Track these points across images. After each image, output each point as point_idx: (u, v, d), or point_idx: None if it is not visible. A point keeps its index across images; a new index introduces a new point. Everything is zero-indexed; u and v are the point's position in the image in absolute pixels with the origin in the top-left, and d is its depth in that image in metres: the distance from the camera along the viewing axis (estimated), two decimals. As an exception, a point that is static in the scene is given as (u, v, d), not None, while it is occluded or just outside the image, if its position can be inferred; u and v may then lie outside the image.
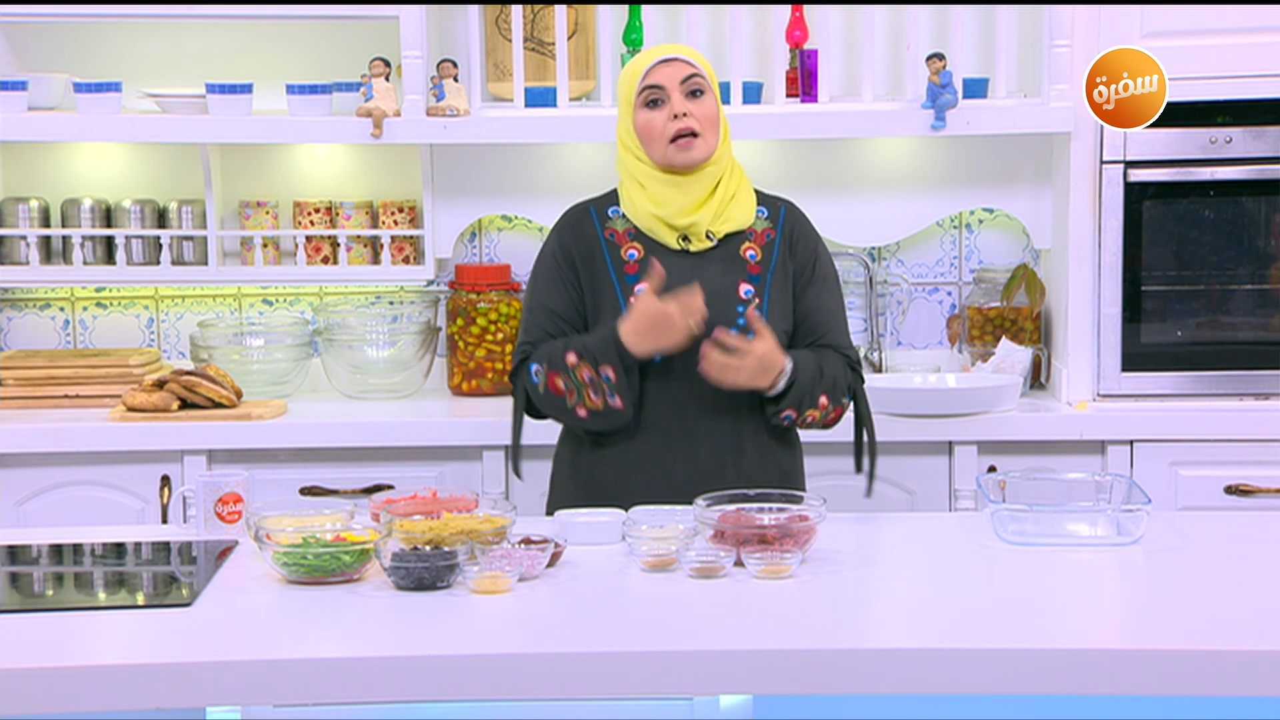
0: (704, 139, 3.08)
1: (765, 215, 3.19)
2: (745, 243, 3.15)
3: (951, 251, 4.35)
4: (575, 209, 3.22)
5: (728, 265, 3.12)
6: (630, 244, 3.14)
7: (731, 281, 3.11)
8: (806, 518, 2.73)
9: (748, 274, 3.13)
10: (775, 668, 2.33)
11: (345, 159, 4.30)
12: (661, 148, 3.09)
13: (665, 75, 3.09)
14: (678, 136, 3.07)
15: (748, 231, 3.16)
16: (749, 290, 3.11)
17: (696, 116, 3.08)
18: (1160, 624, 2.48)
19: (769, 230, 3.17)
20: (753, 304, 3.10)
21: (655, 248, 3.13)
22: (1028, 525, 2.85)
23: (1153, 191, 3.93)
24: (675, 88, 3.08)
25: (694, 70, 3.10)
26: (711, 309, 3.04)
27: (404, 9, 3.96)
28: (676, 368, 3.06)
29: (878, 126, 4.06)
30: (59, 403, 4.06)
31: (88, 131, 4.08)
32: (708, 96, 3.10)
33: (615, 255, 3.13)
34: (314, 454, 3.89)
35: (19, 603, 2.67)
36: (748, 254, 3.14)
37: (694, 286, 2.99)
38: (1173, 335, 3.98)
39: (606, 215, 3.18)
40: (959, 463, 3.87)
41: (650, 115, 3.09)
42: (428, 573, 2.57)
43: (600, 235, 3.16)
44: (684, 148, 3.08)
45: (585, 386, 3.03)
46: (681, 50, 3.14)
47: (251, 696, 2.34)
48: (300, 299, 4.37)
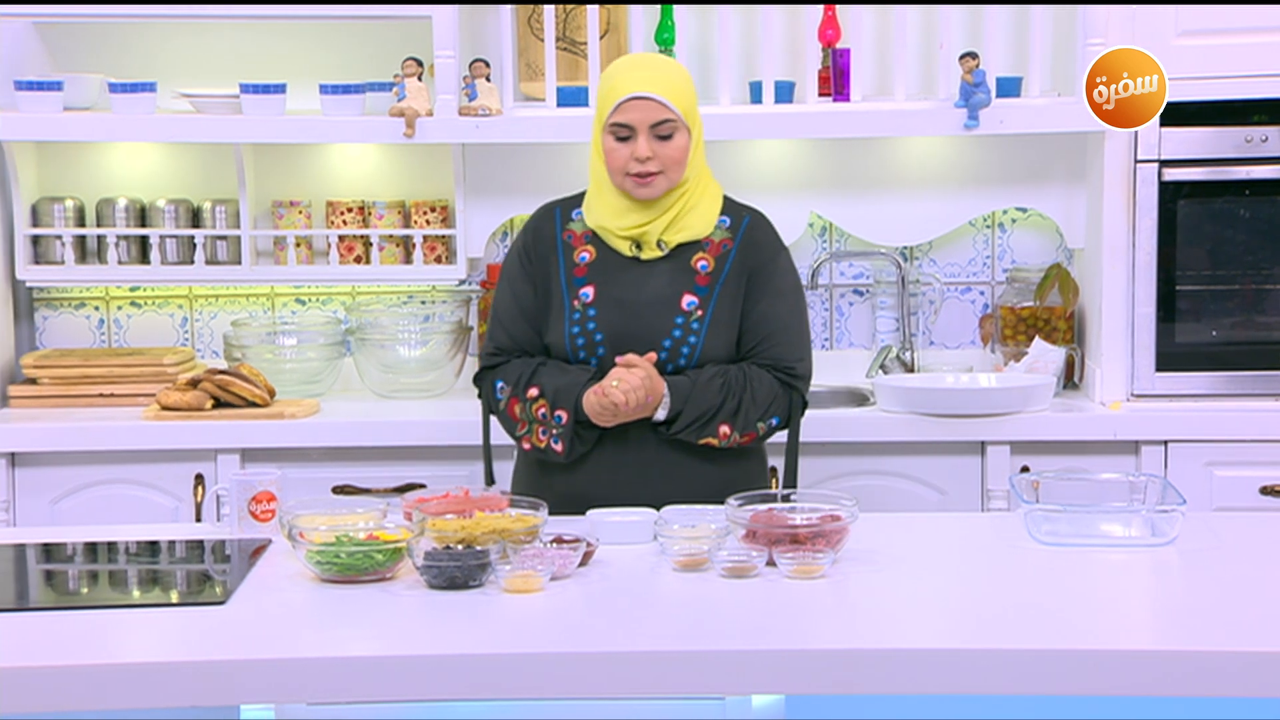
0: (665, 177, 3.08)
1: (726, 225, 3.17)
2: (699, 253, 3.14)
3: (984, 251, 4.34)
4: (543, 208, 3.25)
5: (676, 275, 3.12)
6: (584, 247, 3.16)
7: (676, 292, 3.11)
8: (839, 517, 2.72)
9: (695, 285, 3.12)
10: (807, 668, 2.32)
11: (378, 159, 4.31)
12: (619, 178, 3.09)
13: (636, 115, 3.05)
14: (638, 174, 3.07)
15: (704, 242, 3.14)
16: (692, 301, 3.11)
17: (661, 158, 3.06)
18: (1194, 625, 2.47)
19: (726, 241, 3.15)
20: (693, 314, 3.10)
21: (608, 252, 3.14)
22: (1061, 525, 2.84)
23: (1187, 190, 3.91)
24: (644, 130, 3.05)
25: (667, 115, 3.05)
26: (651, 317, 3.08)
27: (436, 9, 3.97)
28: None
29: (910, 126, 4.05)
30: (93, 401, 4.08)
31: (122, 131, 4.10)
32: (679, 135, 3.07)
33: (568, 257, 3.15)
34: (346, 453, 3.90)
35: (54, 600, 2.69)
36: (699, 264, 3.13)
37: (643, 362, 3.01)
38: (1207, 335, 3.96)
39: (570, 217, 3.19)
40: (991, 463, 3.86)
41: (615, 145, 3.08)
42: (460, 572, 2.58)
43: (559, 236, 3.17)
44: (641, 184, 3.08)
45: (536, 423, 3.10)
46: (660, 85, 3.07)
47: (285, 695, 2.34)
48: (333, 298, 4.38)
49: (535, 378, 3.10)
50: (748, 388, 3.08)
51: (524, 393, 3.10)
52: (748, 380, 3.08)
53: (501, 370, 3.16)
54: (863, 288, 4.35)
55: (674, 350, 3.09)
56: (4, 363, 4.18)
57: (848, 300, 4.36)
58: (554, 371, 3.10)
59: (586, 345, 3.11)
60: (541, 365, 3.12)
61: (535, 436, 3.11)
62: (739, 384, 3.07)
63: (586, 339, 3.11)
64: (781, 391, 3.12)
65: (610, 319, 3.10)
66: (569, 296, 3.12)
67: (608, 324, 3.10)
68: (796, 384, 3.14)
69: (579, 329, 3.11)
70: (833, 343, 4.37)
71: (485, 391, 3.20)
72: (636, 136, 3.06)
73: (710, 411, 3.05)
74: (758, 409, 3.08)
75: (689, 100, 3.10)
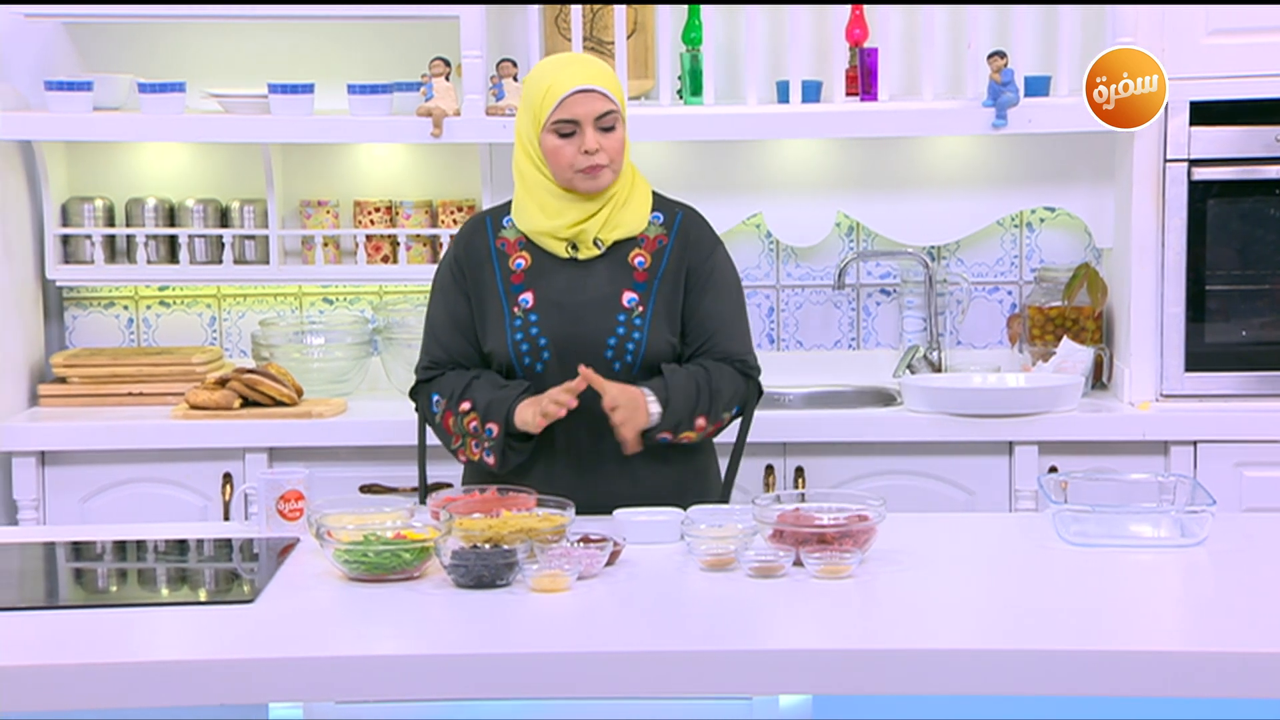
0: (611, 168, 3.08)
1: (660, 221, 3.16)
2: (635, 249, 3.14)
3: (1012, 250, 4.33)
4: (473, 219, 3.25)
5: (614, 273, 3.12)
6: (519, 253, 3.15)
7: (616, 290, 3.11)
8: (866, 517, 2.72)
9: (634, 282, 3.12)
10: (834, 668, 2.32)
11: (405, 158, 4.32)
12: (567, 175, 3.08)
13: (581, 109, 3.05)
14: (587, 168, 3.06)
15: (639, 238, 3.14)
16: (632, 299, 3.11)
17: (607, 149, 3.06)
18: (1225, 626, 2.46)
19: (662, 236, 3.15)
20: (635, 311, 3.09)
21: (543, 256, 3.14)
22: (1090, 526, 2.83)
23: (1217, 190, 3.89)
24: (589, 122, 3.05)
25: (610, 106, 3.06)
26: (593, 317, 3.08)
27: (464, 9, 3.97)
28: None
29: (938, 125, 4.05)
30: (122, 400, 4.09)
31: (151, 131, 4.12)
32: (619, 128, 3.09)
33: (504, 265, 3.15)
34: (374, 452, 3.91)
35: (83, 598, 2.70)
36: (636, 261, 3.13)
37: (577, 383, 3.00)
38: (1237, 335, 3.94)
39: (501, 224, 3.19)
40: (1019, 463, 3.85)
41: (560, 143, 3.07)
42: (487, 571, 2.58)
43: (491, 245, 3.17)
44: (590, 176, 3.07)
45: (469, 436, 3.10)
46: (597, 78, 3.08)
47: (313, 693, 2.35)
48: (360, 298, 4.39)
49: (468, 391, 3.10)
50: (711, 380, 3.08)
51: (457, 406, 3.11)
52: (709, 373, 3.09)
53: (437, 383, 3.17)
54: (890, 287, 4.35)
55: (619, 348, 3.09)
56: (34, 362, 4.21)
57: (875, 300, 4.35)
58: (486, 385, 3.11)
59: (531, 351, 3.10)
60: (475, 379, 3.12)
61: (469, 449, 3.12)
62: (704, 377, 3.08)
63: (531, 344, 3.10)
64: (742, 381, 3.13)
65: (552, 322, 3.10)
66: (508, 304, 3.12)
67: (550, 328, 3.10)
68: (752, 374, 3.16)
69: (522, 335, 3.10)
70: (859, 342, 4.36)
71: (421, 404, 3.21)
72: (581, 131, 3.05)
73: (689, 407, 3.06)
74: (723, 400, 3.10)
75: (620, 93, 3.12)
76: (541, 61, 3.22)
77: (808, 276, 4.35)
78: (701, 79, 4.08)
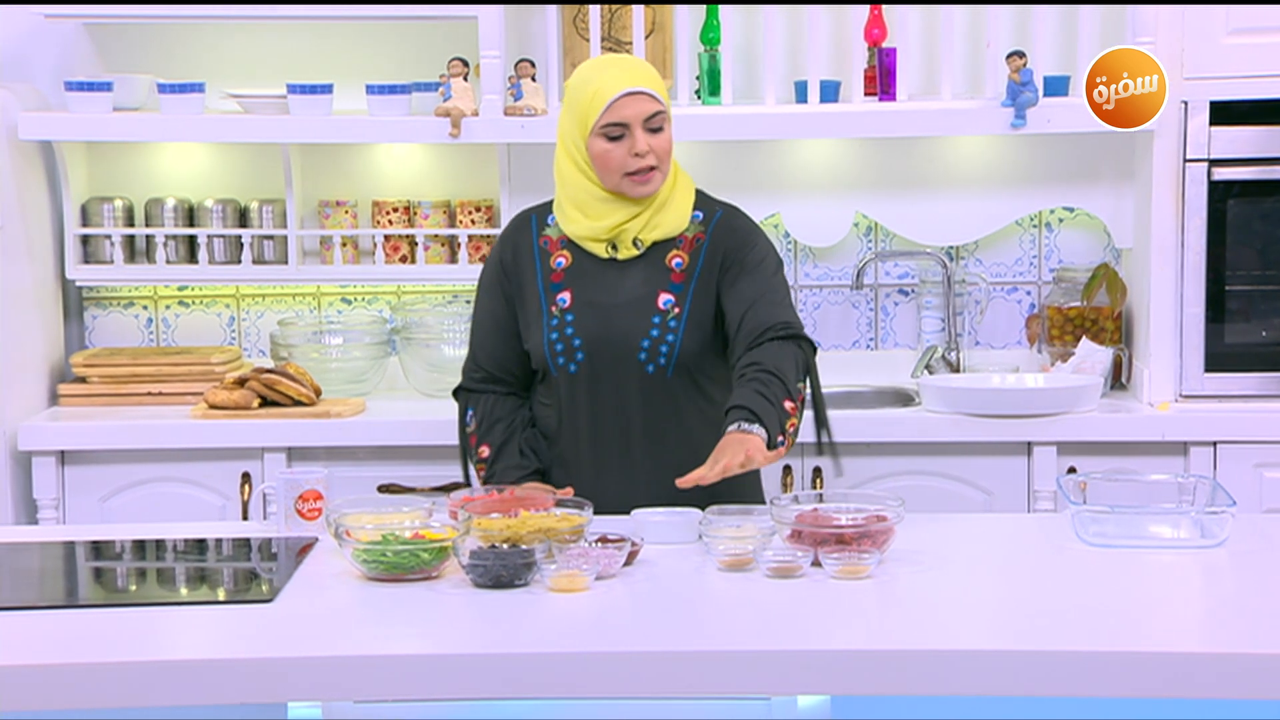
0: (661, 170, 3.07)
1: (699, 220, 3.15)
2: (673, 250, 3.12)
3: (1031, 251, 4.32)
4: (519, 216, 3.24)
5: (651, 274, 3.11)
6: (560, 252, 3.15)
7: (652, 291, 3.09)
8: (885, 518, 2.71)
9: (670, 283, 3.10)
10: (853, 668, 2.32)
11: (423, 158, 4.32)
12: (616, 179, 3.07)
13: (630, 112, 3.04)
14: (637, 171, 3.05)
15: (678, 239, 3.12)
16: (669, 300, 3.09)
17: (657, 151, 3.05)
18: (1245, 627, 2.45)
19: (699, 235, 3.13)
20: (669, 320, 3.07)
21: (583, 256, 3.13)
22: (1109, 527, 2.82)
23: (1237, 190, 3.88)
24: (638, 124, 3.04)
25: (658, 107, 3.05)
26: (627, 319, 3.07)
27: (482, 9, 3.98)
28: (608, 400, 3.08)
29: (957, 125, 4.04)
30: (142, 400, 4.10)
31: (171, 132, 4.13)
32: (667, 128, 3.08)
33: (545, 263, 3.15)
34: (392, 452, 3.91)
35: (103, 598, 2.71)
36: (673, 262, 3.11)
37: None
38: (1257, 335, 3.93)
39: (545, 223, 3.19)
40: (1038, 463, 3.84)
41: (609, 147, 3.05)
42: (505, 571, 2.58)
43: (535, 243, 3.17)
44: (641, 182, 3.06)
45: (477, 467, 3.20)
46: (644, 78, 3.07)
47: (332, 692, 2.36)
48: (378, 298, 4.39)
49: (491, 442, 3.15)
50: (765, 367, 2.94)
51: (477, 449, 3.17)
52: (760, 363, 2.95)
53: (477, 402, 3.19)
54: (908, 288, 4.34)
55: (652, 350, 3.08)
56: (54, 361, 4.22)
57: (893, 300, 4.35)
58: (511, 451, 3.13)
59: (565, 351, 3.10)
60: (507, 441, 3.13)
61: (479, 473, 3.19)
62: (758, 371, 2.94)
63: (565, 344, 3.10)
64: (793, 347, 3.00)
65: (587, 323, 3.10)
66: (547, 303, 3.12)
67: (584, 328, 3.09)
68: (798, 332, 3.03)
69: (557, 334, 3.10)
70: (878, 343, 4.36)
71: (459, 407, 3.24)
72: (631, 134, 3.04)
73: (774, 404, 2.91)
74: (790, 374, 2.96)
75: (666, 92, 3.12)
76: (586, 64, 3.20)
77: (826, 276, 4.34)
78: (720, 79, 4.07)
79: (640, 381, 3.08)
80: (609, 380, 3.09)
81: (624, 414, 3.08)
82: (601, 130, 3.05)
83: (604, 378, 3.07)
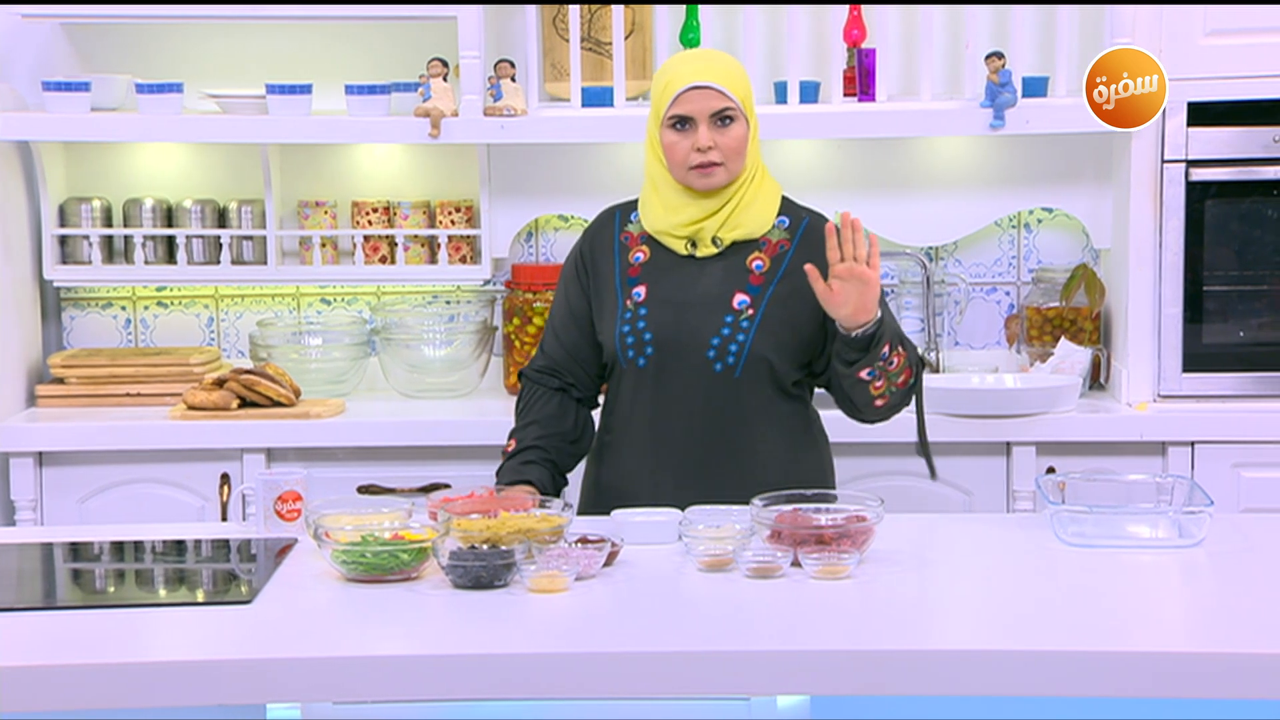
0: (726, 168, 3.07)
1: (785, 226, 3.15)
2: (754, 252, 3.12)
3: (1010, 251, 4.33)
4: (605, 212, 3.26)
5: (729, 274, 3.11)
6: (639, 247, 3.16)
7: (727, 290, 3.09)
8: (864, 518, 2.72)
9: (748, 284, 3.10)
10: (833, 668, 2.32)
11: (403, 159, 4.32)
12: (681, 171, 3.08)
13: (696, 105, 3.04)
14: (699, 165, 3.06)
15: (760, 241, 3.13)
16: (744, 301, 3.09)
17: (722, 147, 3.05)
18: (1223, 627, 2.46)
19: (784, 241, 3.14)
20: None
21: (662, 252, 3.13)
22: (1088, 527, 2.83)
23: (1215, 191, 3.89)
24: (704, 119, 3.05)
25: (726, 103, 3.05)
26: (698, 317, 3.07)
27: (462, 9, 3.97)
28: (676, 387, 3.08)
29: (936, 126, 4.05)
30: (120, 401, 4.09)
31: (149, 132, 4.12)
32: (737, 123, 3.07)
33: (624, 258, 3.15)
34: (372, 452, 3.91)
35: (81, 599, 2.70)
36: (754, 264, 3.11)
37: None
38: (1235, 336, 3.94)
39: (628, 219, 3.20)
40: (1017, 463, 3.85)
41: (675, 138, 3.07)
42: (485, 571, 2.58)
43: (616, 238, 3.18)
44: (703, 175, 3.06)
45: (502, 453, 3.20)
46: (717, 74, 3.07)
47: (311, 694, 2.35)
48: (358, 298, 4.39)
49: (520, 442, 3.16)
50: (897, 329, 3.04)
51: (509, 439, 3.19)
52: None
53: (530, 393, 3.21)
54: (887, 288, 4.34)
55: (721, 349, 3.08)
56: (31, 362, 4.20)
57: (873, 300, 4.35)
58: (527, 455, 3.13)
59: (636, 345, 3.10)
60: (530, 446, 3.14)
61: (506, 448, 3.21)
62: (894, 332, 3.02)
63: (636, 338, 3.10)
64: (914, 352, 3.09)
65: (659, 318, 3.10)
66: (622, 296, 3.13)
67: (656, 323, 3.10)
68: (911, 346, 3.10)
69: (629, 328, 3.11)
70: (858, 343, 4.35)
71: (520, 391, 3.26)
72: (696, 127, 3.05)
73: (895, 330, 3.01)
74: (909, 349, 3.05)
75: (745, 90, 3.10)
76: (671, 57, 3.24)
77: (806, 277, 4.34)
78: (699, 79, 4.07)
79: (707, 380, 3.08)
80: (676, 376, 3.08)
81: (688, 411, 3.08)
82: (669, 121, 3.07)
83: (671, 373, 3.08)
